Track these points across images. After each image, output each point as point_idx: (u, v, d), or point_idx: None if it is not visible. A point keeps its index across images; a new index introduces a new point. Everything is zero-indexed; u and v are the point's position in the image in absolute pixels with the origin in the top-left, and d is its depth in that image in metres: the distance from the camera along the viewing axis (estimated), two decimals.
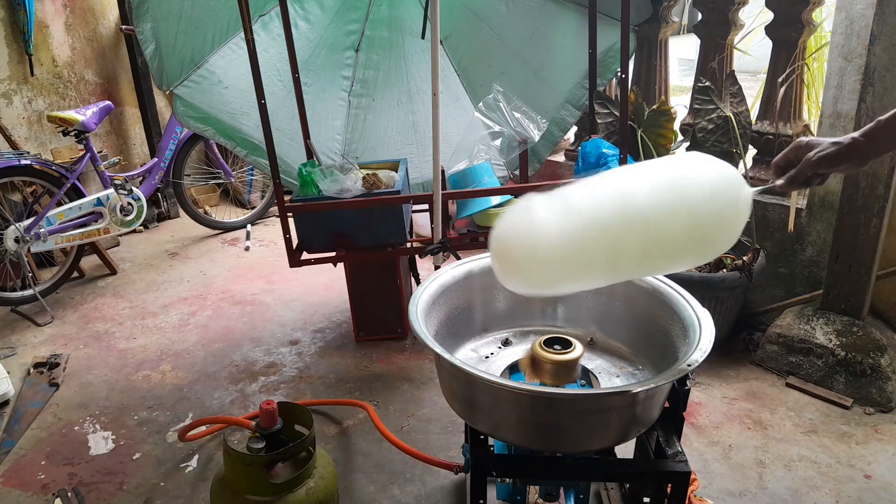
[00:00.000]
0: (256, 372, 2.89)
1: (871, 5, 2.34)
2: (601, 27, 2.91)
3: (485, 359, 1.70)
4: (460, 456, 2.22)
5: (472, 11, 3.20)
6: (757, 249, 2.71)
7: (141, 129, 4.75)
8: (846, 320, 2.62)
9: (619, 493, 1.87)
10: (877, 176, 2.43)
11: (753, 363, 2.81)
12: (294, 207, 2.70)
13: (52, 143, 4.17)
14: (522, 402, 1.36)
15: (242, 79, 2.86)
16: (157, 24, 2.71)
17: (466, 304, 1.76)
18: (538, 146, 3.20)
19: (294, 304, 3.52)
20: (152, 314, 3.47)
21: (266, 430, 1.80)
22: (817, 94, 3.03)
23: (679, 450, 1.45)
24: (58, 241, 3.54)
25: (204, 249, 4.38)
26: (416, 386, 2.75)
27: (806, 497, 2.09)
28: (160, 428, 2.53)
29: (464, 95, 3.40)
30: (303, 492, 1.77)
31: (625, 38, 2.59)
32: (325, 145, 3.27)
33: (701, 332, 1.41)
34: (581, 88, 3.21)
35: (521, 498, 1.67)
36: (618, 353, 1.72)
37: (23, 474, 2.31)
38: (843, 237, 2.57)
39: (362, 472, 2.26)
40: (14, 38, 3.89)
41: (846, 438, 2.34)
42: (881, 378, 2.48)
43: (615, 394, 1.36)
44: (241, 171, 4.90)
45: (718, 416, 2.49)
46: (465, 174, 2.80)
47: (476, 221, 2.84)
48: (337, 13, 3.15)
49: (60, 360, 2.99)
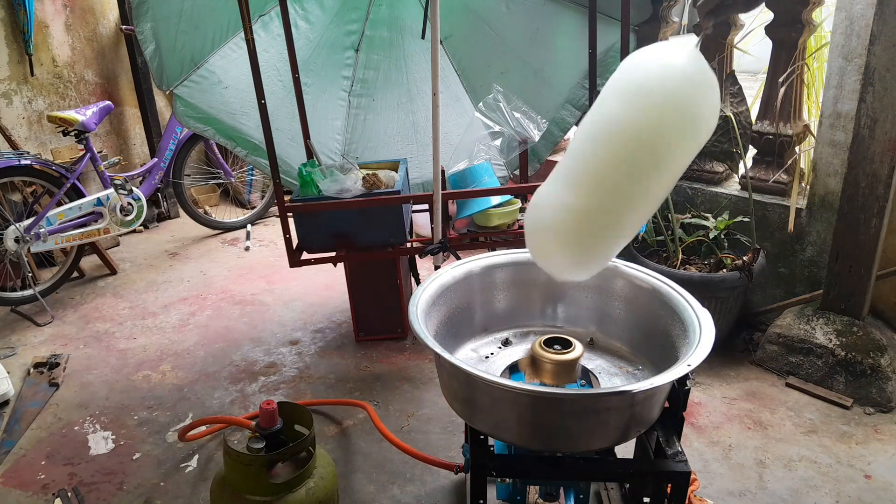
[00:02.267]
0: (256, 372, 2.89)
1: (871, 5, 2.34)
2: (601, 27, 2.91)
3: (485, 359, 1.70)
4: (460, 456, 2.22)
5: (472, 11, 3.20)
6: (757, 249, 2.71)
7: (141, 129, 4.75)
8: (846, 320, 2.62)
9: (619, 493, 1.87)
10: (877, 176, 2.43)
11: (753, 363, 2.81)
12: (294, 207, 2.70)
13: (52, 143, 4.17)
14: (522, 402, 1.36)
15: (242, 79, 2.86)
16: (157, 24, 2.71)
17: (466, 304, 1.76)
18: (538, 146, 3.20)
19: (294, 304, 3.52)
20: (152, 314, 3.47)
21: (266, 430, 1.80)
22: (817, 94, 3.03)
23: (679, 450, 1.45)
24: (58, 241, 3.54)
25: (204, 249, 4.38)
26: (416, 386, 2.75)
27: (806, 497, 2.09)
28: (160, 428, 2.53)
29: (464, 95, 3.40)
30: (303, 492, 1.77)
31: (625, 38, 2.59)
32: (325, 145, 3.27)
33: (701, 332, 1.41)
34: (581, 88, 3.21)
35: (521, 498, 1.67)
36: (618, 353, 1.72)
37: (23, 474, 2.31)
38: (843, 237, 2.57)
39: (362, 472, 2.26)
40: (14, 38, 3.89)
41: (846, 438, 2.34)
42: (881, 378, 2.48)
43: (615, 394, 1.36)
44: (241, 171, 4.90)
45: (718, 416, 2.49)
46: (465, 174, 2.80)
47: (476, 221, 2.83)
48: (337, 13, 3.15)
49: (60, 360, 2.99)
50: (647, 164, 1.24)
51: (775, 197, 2.93)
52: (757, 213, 2.88)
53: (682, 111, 1.20)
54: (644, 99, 1.21)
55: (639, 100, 1.21)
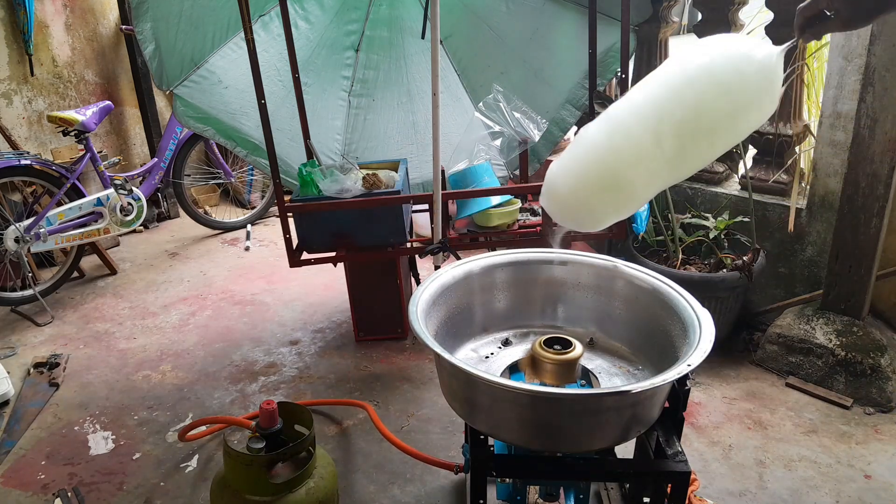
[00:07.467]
0: (256, 372, 2.89)
1: None
2: (601, 27, 2.91)
3: (485, 359, 1.70)
4: (460, 456, 2.22)
5: (472, 11, 3.20)
6: (757, 249, 2.71)
7: (141, 129, 4.75)
8: (846, 320, 2.62)
9: (619, 493, 1.87)
10: (877, 176, 2.43)
11: (753, 363, 2.81)
12: (294, 207, 2.70)
13: (52, 143, 4.17)
14: (522, 402, 1.36)
15: (242, 79, 2.86)
16: (157, 24, 2.71)
17: (466, 304, 1.76)
18: (538, 146, 3.20)
19: (294, 304, 3.52)
20: (152, 314, 3.47)
21: (266, 430, 1.80)
22: (817, 94, 3.02)
23: (679, 450, 1.45)
24: (58, 241, 3.54)
25: (204, 249, 4.38)
26: (416, 386, 2.75)
27: (806, 497, 2.09)
28: (160, 428, 2.53)
29: (464, 95, 3.40)
30: (303, 492, 1.77)
31: (625, 38, 2.59)
32: (325, 145, 3.27)
33: (701, 332, 1.41)
34: (581, 88, 3.21)
35: (521, 498, 1.67)
36: (618, 353, 1.72)
37: (23, 474, 2.31)
38: (843, 237, 2.57)
39: (362, 472, 2.26)
40: (14, 38, 3.89)
41: (846, 438, 2.34)
42: (881, 378, 2.48)
43: (615, 394, 1.36)
44: (241, 171, 4.90)
45: (718, 416, 2.49)
46: (465, 174, 2.80)
47: (476, 221, 2.83)
48: (337, 13, 3.15)
49: (60, 360, 2.99)
50: (683, 129, 1.30)
51: (775, 197, 2.93)
52: (757, 213, 2.88)
53: (735, 105, 1.27)
54: (704, 78, 1.28)
55: (697, 77, 1.28)
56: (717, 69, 1.27)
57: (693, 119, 1.29)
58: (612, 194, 1.41)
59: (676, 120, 1.29)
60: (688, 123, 1.29)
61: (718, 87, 1.26)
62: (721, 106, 1.27)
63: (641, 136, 1.32)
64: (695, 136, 1.31)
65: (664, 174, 1.37)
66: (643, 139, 1.32)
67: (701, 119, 1.29)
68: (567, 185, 1.45)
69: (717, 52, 1.30)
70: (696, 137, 1.31)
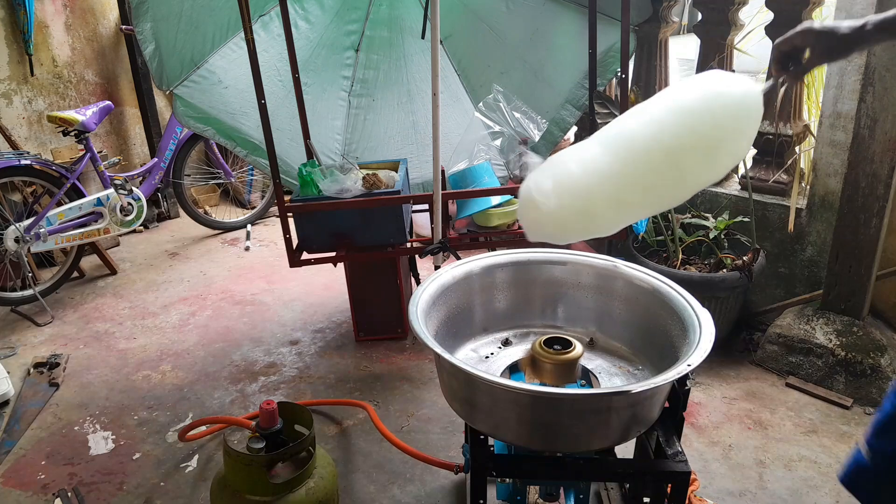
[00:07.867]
0: (256, 372, 2.89)
1: (871, 5, 2.34)
2: (601, 27, 2.91)
3: (485, 359, 1.70)
4: (460, 456, 2.22)
5: (472, 11, 3.20)
6: (757, 249, 2.71)
7: (141, 129, 4.75)
8: (846, 320, 2.62)
9: (619, 493, 1.87)
10: (877, 176, 2.43)
11: (753, 363, 2.81)
12: (294, 207, 2.70)
13: (52, 143, 4.17)
14: (522, 402, 1.36)
15: (242, 79, 2.86)
16: (157, 24, 2.71)
17: (466, 304, 1.76)
18: (538, 146, 3.20)
19: (294, 304, 3.52)
20: (152, 314, 3.47)
21: (266, 430, 1.80)
22: (817, 94, 3.03)
23: (679, 450, 1.45)
24: (58, 241, 3.54)
25: (204, 249, 4.38)
26: (416, 386, 2.75)
27: (806, 497, 2.09)
28: (160, 428, 2.53)
29: (464, 95, 3.40)
30: (303, 492, 1.77)
31: (625, 38, 2.59)
32: (325, 145, 3.27)
33: (701, 332, 1.41)
34: (581, 88, 3.21)
35: (521, 498, 1.67)
36: (618, 353, 1.72)
37: (23, 474, 2.31)
38: (843, 237, 2.57)
39: (362, 472, 2.26)
40: (14, 38, 3.89)
41: (846, 438, 2.34)
42: (881, 378, 2.48)
43: (615, 394, 1.36)
44: (241, 171, 4.90)
45: (718, 416, 2.49)
46: (465, 174, 2.80)
47: (476, 221, 2.83)
48: (337, 13, 3.15)
49: (60, 360, 2.98)
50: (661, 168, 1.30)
51: (775, 197, 2.93)
52: (757, 213, 2.88)
53: (709, 142, 1.27)
54: (680, 117, 1.28)
55: (674, 117, 1.29)
56: (692, 108, 1.28)
57: (664, 158, 1.29)
58: (585, 219, 1.40)
59: (650, 158, 1.29)
60: (660, 163, 1.29)
61: (691, 126, 1.27)
62: (693, 143, 1.27)
63: (612, 167, 1.32)
64: (664, 176, 1.31)
65: (636, 209, 1.40)
66: (614, 171, 1.32)
67: (673, 157, 1.29)
68: (543, 204, 1.43)
69: (693, 91, 1.30)
70: (666, 176, 1.32)
